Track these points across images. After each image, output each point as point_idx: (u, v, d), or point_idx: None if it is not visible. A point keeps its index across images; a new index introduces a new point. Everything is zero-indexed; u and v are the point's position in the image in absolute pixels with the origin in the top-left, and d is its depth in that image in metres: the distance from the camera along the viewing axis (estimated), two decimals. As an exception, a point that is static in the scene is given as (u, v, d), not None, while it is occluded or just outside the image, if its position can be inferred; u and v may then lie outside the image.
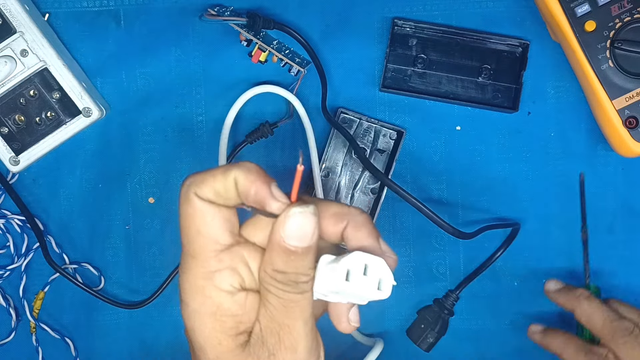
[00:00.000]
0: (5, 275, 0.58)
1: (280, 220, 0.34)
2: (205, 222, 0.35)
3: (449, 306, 0.56)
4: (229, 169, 0.35)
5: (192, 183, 0.35)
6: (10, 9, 0.52)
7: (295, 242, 0.34)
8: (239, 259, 0.35)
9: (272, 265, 0.34)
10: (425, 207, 0.49)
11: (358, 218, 0.36)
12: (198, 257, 0.35)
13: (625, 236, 0.58)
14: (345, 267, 0.34)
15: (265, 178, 0.35)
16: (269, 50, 0.54)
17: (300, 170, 0.33)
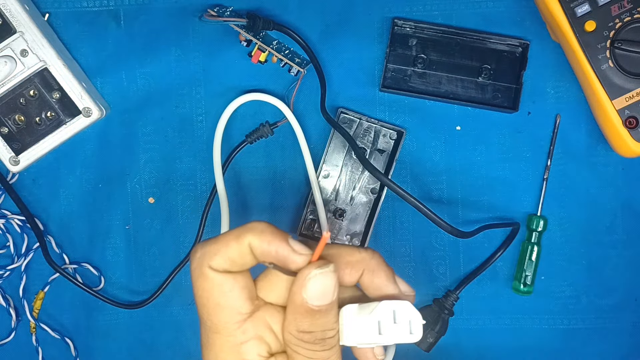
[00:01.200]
0: (5, 275, 0.58)
1: (300, 282, 0.33)
2: (225, 294, 0.34)
3: (448, 306, 0.56)
4: (241, 235, 0.34)
5: (204, 255, 0.34)
6: (10, 9, 0.52)
7: (319, 301, 0.33)
8: (263, 325, 0.35)
9: (297, 327, 0.34)
10: (424, 207, 0.49)
11: (372, 263, 0.36)
12: (222, 332, 0.34)
13: (625, 236, 0.58)
14: (376, 320, 0.34)
15: (281, 235, 0.34)
16: (268, 50, 0.54)
17: (326, 237, 0.33)
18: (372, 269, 0.36)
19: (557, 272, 0.58)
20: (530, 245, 0.57)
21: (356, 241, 0.58)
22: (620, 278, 0.58)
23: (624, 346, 0.58)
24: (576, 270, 0.58)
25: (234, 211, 0.58)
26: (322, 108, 0.55)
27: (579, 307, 0.58)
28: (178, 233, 0.58)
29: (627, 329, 0.58)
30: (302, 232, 0.58)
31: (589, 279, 0.58)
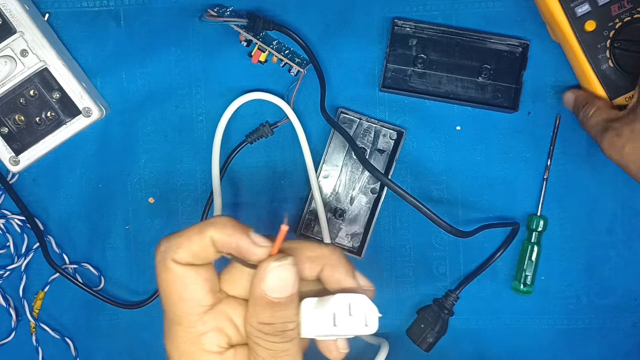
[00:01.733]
0: (5, 275, 0.58)
1: (259, 275, 0.34)
2: (186, 287, 0.35)
3: (448, 306, 0.56)
4: (204, 229, 0.35)
5: (167, 248, 0.35)
6: (10, 9, 0.52)
7: (278, 293, 0.34)
8: (224, 317, 0.36)
9: (258, 318, 0.35)
10: (423, 206, 0.49)
11: (332, 258, 0.37)
12: (183, 323, 0.35)
13: (625, 236, 0.58)
14: (331, 312, 0.35)
15: (242, 228, 0.35)
16: (268, 50, 0.54)
17: (285, 230, 0.34)
18: (332, 264, 0.37)
19: (557, 272, 0.58)
20: (530, 245, 0.57)
21: (356, 241, 0.58)
22: (620, 278, 0.58)
23: (624, 346, 0.58)
24: (576, 270, 0.58)
25: (234, 211, 0.58)
26: (322, 108, 0.55)
27: (579, 307, 0.58)
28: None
29: (627, 329, 0.58)
30: (302, 232, 0.58)
31: (589, 279, 0.58)
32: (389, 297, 0.59)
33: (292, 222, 0.58)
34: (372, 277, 0.58)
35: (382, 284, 0.59)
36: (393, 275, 0.58)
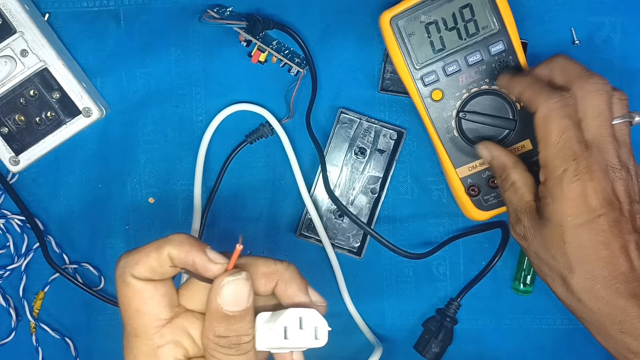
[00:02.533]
0: (5, 275, 0.58)
1: (215, 289, 0.36)
2: (144, 301, 0.36)
3: (451, 314, 0.57)
4: (161, 246, 0.36)
5: (126, 264, 0.37)
6: (10, 9, 0.52)
7: (233, 307, 0.36)
8: (181, 330, 0.37)
9: (214, 331, 0.36)
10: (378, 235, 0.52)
11: (286, 274, 0.38)
12: (140, 335, 0.37)
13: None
14: (282, 325, 0.36)
15: (199, 245, 0.37)
16: (268, 50, 0.54)
17: (239, 249, 0.36)
18: (286, 280, 0.38)
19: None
20: (530, 246, 0.57)
21: (356, 241, 0.58)
22: None
23: (624, 346, 0.58)
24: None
25: (234, 211, 0.58)
26: (307, 119, 0.55)
27: (578, 307, 0.58)
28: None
29: (627, 329, 0.58)
30: (302, 232, 0.58)
31: (588, 279, 0.58)
32: (389, 297, 0.59)
33: (292, 222, 0.58)
34: (372, 277, 0.59)
35: (382, 283, 0.59)
36: (393, 275, 0.59)
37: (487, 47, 0.51)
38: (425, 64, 0.51)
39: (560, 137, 0.43)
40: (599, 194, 0.43)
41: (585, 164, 0.43)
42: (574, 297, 0.44)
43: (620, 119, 0.45)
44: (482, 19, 0.51)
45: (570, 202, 0.43)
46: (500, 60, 0.51)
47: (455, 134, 0.52)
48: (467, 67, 0.51)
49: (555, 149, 0.44)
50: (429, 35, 0.51)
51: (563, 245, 0.44)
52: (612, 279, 0.43)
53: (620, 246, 0.43)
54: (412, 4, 0.50)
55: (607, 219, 0.43)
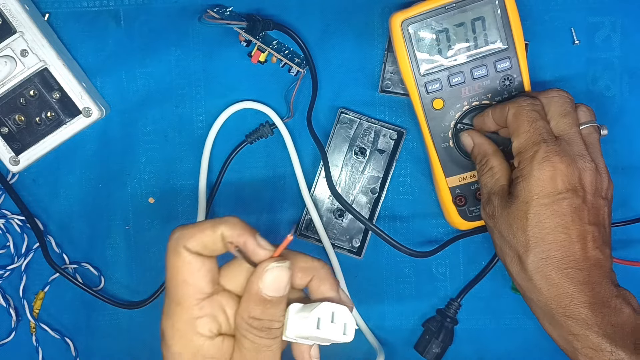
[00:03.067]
0: (5, 275, 0.58)
1: (258, 272, 0.38)
2: (192, 273, 0.39)
3: (451, 314, 0.57)
4: (217, 225, 0.39)
5: (181, 236, 0.39)
6: (10, 9, 0.52)
7: (271, 292, 0.38)
8: (218, 306, 0.39)
9: (249, 312, 0.38)
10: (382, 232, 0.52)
11: (322, 272, 0.41)
12: (182, 304, 0.39)
13: (624, 236, 0.58)
14: (317, 316, 0.39)
15: (250, 230, 0.39)
16: (268, 50, 0.54)
17: (290, 239, 0.38)
18: (321, 277, 0.41)
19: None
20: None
21: (356, 241, 0.58)
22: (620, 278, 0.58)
23: (624, 346, 0.58)
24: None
25: (235, 211, 0.58)
26: (308, 118, 0.55)
27: (578, 307, 0.58)
28: (178, 233, 0.58)
29: (627, 329, 0.58)
30: (302, 232, 0.58)
31: (588, 278, 0.58)
32: (389, 297, 0.59)
33: (292, 222, 0.58)
34: (372, 277, 0.59)
35: (382, 283, 0.59)
36: (393, 275, 0.59)
37: (494, 62, 0.51)
38: (430, 71, 0.52)
39: (531, 125, 0.46)
40: (565, 178, 0.45)
41: (556, 148, 0.45)
42: (527, 276, 0.46)
43: (587, 124, 0.48)
44: (493, 34, 0.51)
45: (539, 181, 0.45)
46: (505, 78, 0.51)
47: (450, 145, 0.53)
48: (471, 80, 0.51)
49: (527, 135, 0.46)
50: (438, 43, 0.51)
51: (525, 222, 0.45)
52: (565, 263, 0.45)
53: (578, 234, 0.45)
54: (426, 9, 0.50)
55: (570, 204, 0.45)
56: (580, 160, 0.46)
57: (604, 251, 0.46)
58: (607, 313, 0.44)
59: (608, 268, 0.46)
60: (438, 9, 0.50)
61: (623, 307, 0.44)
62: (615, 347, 0.43)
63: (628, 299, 0.45)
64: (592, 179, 0.46)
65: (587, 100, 0.56)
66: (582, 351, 0.44)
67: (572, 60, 0.57)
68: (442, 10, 0.50)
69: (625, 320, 0.44)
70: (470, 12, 0.50)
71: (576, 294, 0.44)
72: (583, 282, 0.44)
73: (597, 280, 0.45)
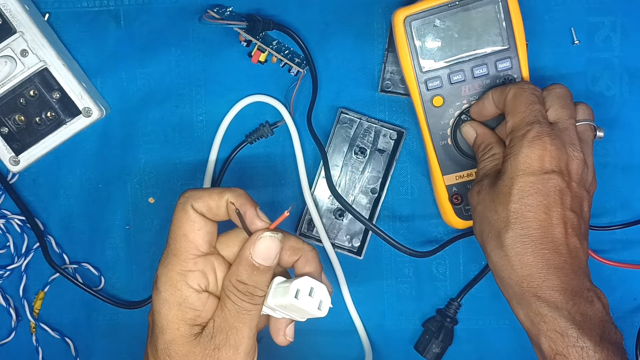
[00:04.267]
0: (5, 275, 0.58)
1: (252, 239, 0.42)
2: (193, 230, 0.42)
3: (451, 314, 0.57)
4: (224, 192, 0.42)
5: (191, 196, 0.43)
6: (10, 9, 0.52)
7: (260, 260, 0.41)
8: (210, 266, 0.42)
9: (237, 276, 0.41)
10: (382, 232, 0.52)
11: (309, 254, 0.44)
12: (179, 256, 0.42)
13: (624, 236, 0.58)
14: (296, 286, 0.41)
15: (252, 202, 0.43)
16: (268, 50, 0.54)
17: (286, 215, 0.41)
18: (307, 259, 0.44)
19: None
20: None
21: (356, 241, 0.58)
22: (620, 278, 0.58)
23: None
24: (576, 270, 0.58)
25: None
26: (309, 118, 0.55)
27: (578, 307, 0.58)
28: (178, 233, 0.58)
29: (627, 329, 0.58)
30: (302, 231, 0.58)
31: (588, 278, 0.58)
32: (389, 297, 0.59)
33: (292, 222, 0.58)
34: (372, 277, 0.59)
35: (382, 283, 0.59)
36: (393, 275, 0.59)
37: (495, 62, 0.51)
38: (431, 68, 0.52)
39: (527, 107, 0.47)
40: (553, 160, 0.45)
41: (548, 130, 0.46)
42: (502, 252, 0.45)
43: (584, 122, 0.49)
44: (495, 33, 0.51)
45: (527, 158, 0.45)
46: (505, 77, 0.51)
47: (448, 142, 0.53)
48: (472, 78, 0.52)
49: (522, 115, 0.47)
50: (440, 41, 0.51)
51: (509, 198, 0.45)
52: (543, 244, 0.45)
53: (559, 217, 0.45)
54: (429, 6, 0.50)
55: (555, 185, 0.45)
56: (571, 147, 0.46)
57: (582, 242, 0.46)
58: (578, 302, 0.43)
59: (584, 260, 0.46)
60: (441, 6, 0.50)
61: (594, 300, 0.44)
62: (582, 335, 0.42)
63: (599, 295, 0.45)
64: (579, 169, 0.46)
65: (587, 100, 0.56)
66: (547, 333, 0.44)
67: (572, 60, 0.57)
68: (445, 8, 0.50)
69: (594, 312, 0.44)
70: (473, 11, 0.50)
71: (549, 277, 0.44)
72: (558, 266, 0.44)
73: (573, 268, 0.44)
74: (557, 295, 0.44)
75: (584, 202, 0.47)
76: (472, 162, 0.53)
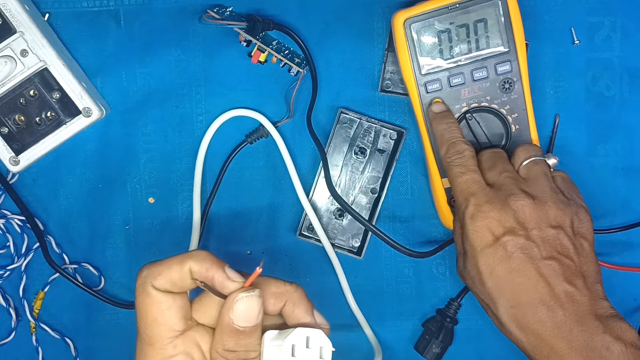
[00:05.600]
0: (5, 275, 0.58)
1: (228, 304, 0.38)
2: (162, 312, 0.38)
3: (451, 314, 0.57)
4: (184, 260, 0.38)
5: (148, 275, 0.38)
6: (10, 9, 0.52)
7: (243, 322, 0.37)
8: (192, 342, 0.39)
9: (223, 345, 0.38)
10: (381, 233, 0.52)
11: (294, 296, 0.40)
12: (155, 345, 0.38)
13: (624, 236, 0.58)
14: (290, 343, 0.38)
15: (219, 263, 0.38)
16: (268, 50, 0.54)
17: (258, 272, 0.38)
18: (294, 301, 0.40)
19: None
20: (530, 245, 0.57)
21: (356, 241, 0.58)
22: (620, 278, 0.58)
23: (624, 346, 0.58)
24: (576, 270, 0.58)
25: (235, 211, 0.58)
26: (308, 119, 0.55)
27: (578, 307, 0.58)
28: (178, 233, 0.58)
29: (627, 329, 0.58)
30: (302, 232, 0.58)
31: (588, 278, 0.58)
32: (389, 297, 0.59)
33: (292, 222, 0.58)
34: (372, 277, 0.59)
35: (382, 283, 0.59)
36: (393, 275, 0.59)
37: (495, 65, 0.51)
38: (431, 71, 0.51)
39: (458, 180, 0.47)
40: (499, 223, 0.44)
41: (484, 197, 0.46)
42: (505, 330, 0.45)
43: (527, 162, 0.48)
44: (495, 36, 0.51)
45: (476, 234, 0.45)
46: (504, 81, 0.51)
47: None
48: (471, 81, 0.51)
49: (457, 191, 0.48)
50: (440, 44, 0.51)
51: (481, 277, 0.45)
52: (533, 307, 0.43)
53: (534, 273, 0.43)
54: (429, 8, 0.50)
55: (513, 246, 0.44)
56: (513, 199, 0.45)
57: (575, 283, 0.43)
58: (592, 357, 0.41)
59: (587, 300, 0.43)
60: (441, 9, 0.50)
61: (611, 345, 0.41)
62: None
63: (617, 332, 0.41)
64: (532, 214, 0.45)
65: (587, 100, 0.56)
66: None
67: (572, 60, 0.57)
68: (446, 10, 0.50)
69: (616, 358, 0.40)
70: (474, 14, 0.50)
71: (555, 342, 0.42)
72: (558, 325, 0.42)
73: (576, 318, 0.42)
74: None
75: (558, 240, 0.44)
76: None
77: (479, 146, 0.52)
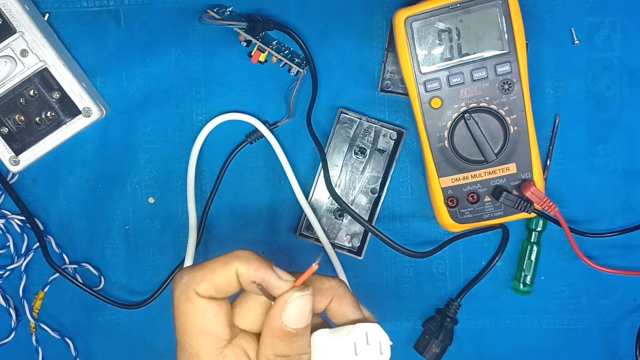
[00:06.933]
0: (5, 275, 0.58)
1: (279, 305, 0.34)
2: (208, 321, 0.35)
3: (451, 314, 0.57)
4: (229, 262, 0.35)
5: (190, 280, 0.35)
6: (10, 9, 0.52)
7: (296, 324, 0.34)
8: (241, 351, 0.36)
9: (275, 351, 0.35)
10: (381, 234, 0.52)
11: (340, 291, 0.37)
12: (203, 358, 0.35)
13: (624, 236, 0.58)
14: (352, 340, 0.36)
15: (266, 263, 0.35)
16: (268, 50, 0.54)
17: (314, 269, 0.35)
18: (340, 296, 0.37)
19: (557, 272, 0.58)
20: (530, 245, 0.57)
21: (356, 241, 0.58)
22: (620, 278, 0.58)
23: (624, 346, 0.58)
24: (576, 270, 0.58)
25: (235, 211, 0.58)
26: (308, 119, 0.55)
27: (579, 307, 0.58)
28: (178, 233, 0.58)
29: (627, 329, 0.58)
30: (302, 232, 0.58)
31: (588, 279, 0.58)
32: (389, 297, 0.59)
33: (292, 222, 0.58)
34: (372, 277, 0.59)
35: (382, 283, 0.59)
36: (393, 275, 0.59)
37: (495, 65, 0.51)
38: (431, 70, 0.51)
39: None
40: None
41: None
42: None
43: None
44: (496, 37, 0.51)
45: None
46: (504, 81, 0.51)
47: (445, 145, 0.53)
48: (471, 81, 0.51)
49: None
50: (441, 43, 0.51)
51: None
52: None
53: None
54: (430, 7, 0.50)
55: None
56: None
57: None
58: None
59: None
60: (442, 8, 0.50)
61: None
62: None
63: None
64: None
65: (587, 101, 0.56)
66: None
67: (572, 60, 0.57)
68: (447, 9, 0.50)
69: None
70: (475, 14, 0.50)
71: None
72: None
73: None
74: None
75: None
76: (469, 165, 0.53)
77: (477, 147, 0.52)
